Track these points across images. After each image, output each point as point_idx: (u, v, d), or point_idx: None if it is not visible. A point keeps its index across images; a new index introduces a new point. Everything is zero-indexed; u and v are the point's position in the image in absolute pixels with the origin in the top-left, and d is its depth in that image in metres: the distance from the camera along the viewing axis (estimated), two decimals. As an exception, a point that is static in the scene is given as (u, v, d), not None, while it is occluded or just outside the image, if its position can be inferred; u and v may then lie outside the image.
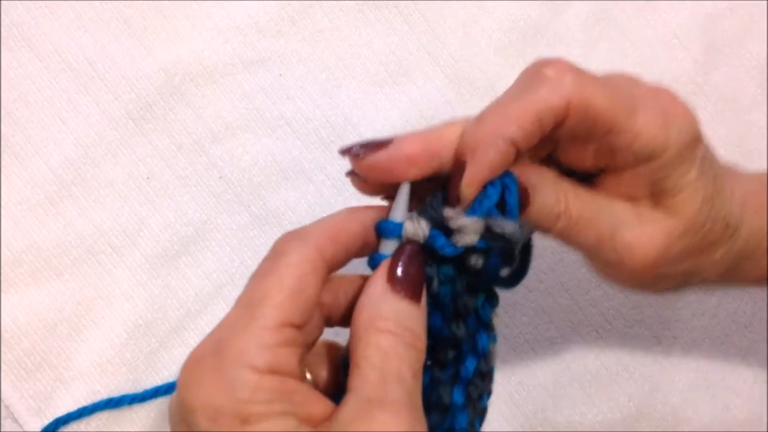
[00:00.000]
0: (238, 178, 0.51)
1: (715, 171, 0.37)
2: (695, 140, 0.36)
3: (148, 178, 0.50)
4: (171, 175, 0.51)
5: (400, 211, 0.34)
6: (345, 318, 0.34)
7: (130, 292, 0.49)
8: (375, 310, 0.31)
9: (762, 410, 0.53)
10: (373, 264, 0.33)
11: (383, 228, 0.33)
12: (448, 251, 0.33)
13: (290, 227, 0.51)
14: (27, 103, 0.50)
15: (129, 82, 0.51)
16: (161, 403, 0.49)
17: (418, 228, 0.33)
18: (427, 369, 0.33)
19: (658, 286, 0.39)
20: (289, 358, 0.29)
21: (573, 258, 0.53)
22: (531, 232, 0.36)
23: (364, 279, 0.33)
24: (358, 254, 0.34)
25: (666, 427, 0.52)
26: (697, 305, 0.53)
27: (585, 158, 0.36)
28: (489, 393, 0.35)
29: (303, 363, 0.32)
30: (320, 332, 0.35)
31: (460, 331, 0.33)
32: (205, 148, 0.51)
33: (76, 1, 0.51)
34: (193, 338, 0.50)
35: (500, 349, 0.51)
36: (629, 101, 0.34)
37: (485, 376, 0.34)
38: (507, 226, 0.32)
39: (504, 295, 0.51)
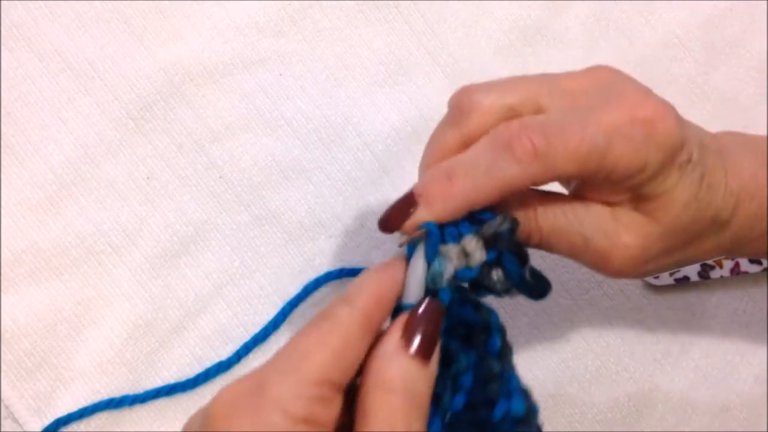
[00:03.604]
0: (238, 178, 0.51)
1: (703, 169, 0.36)
2: (675, 152, 0.35)
3: (148, 178, 0.50)
4: (171, 175, 0.51)
5: (413, 292, 0.33)
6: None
7: (130, 292, 0.49)
8: (385, 367, 0.31)
9: (762, 410, 0.53)
10: None
11: (397, 312, 0.33)
12: (470, 275, 0.34)
13: (290, 227, 0.51)
14: (27, 103, 0.50)
15: (129, 82, 0.51)
16: (162, 404, 0.49)
17: (449, 267, 0.34)
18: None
19: (650, 273, 0.39)
20: (324, 413, 0.30)
21: (573, 258, 0.53)
22: (516, 221, 0.36)
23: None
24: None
25: (666, 427, 0.52)
26: (696, 305, 0.53)
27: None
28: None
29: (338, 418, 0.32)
30: None
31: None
32: (205, 148, 0.51)
33: (76, 1, 0.51)
34: (193, 338, 0.50)
35: (500, 349, 0.52)
36: (600, 145, 0.33)
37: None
38: (495, 223, 0.34)
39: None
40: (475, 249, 0.34)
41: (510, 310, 0.52)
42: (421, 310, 0.33)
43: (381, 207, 0.52)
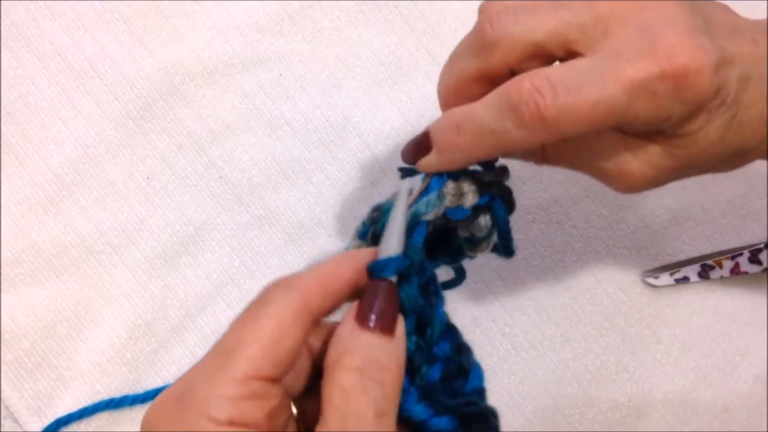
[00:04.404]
0: (238, 178, 0.51)
1: (737, 108, 0.34)
2: (704, 104, 0.33)
3: (148, 178, 0.50)
4: (171, 175, 0.51)
5: (394, 243, 0.32)
6: None
7: (130, 292, 0.49)
8: (342, 346, 0.29)
9: (762, 410, 0.53)
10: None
11: (376, 268, 0.32)
12: (462, 215, 0.35)
13: (290, 227, 0.51)
14: (27, 103, 0.50)
15: (129, 82, 0.51)
16: (161, 403, 0.49)
17: (441, 205, 0.35)
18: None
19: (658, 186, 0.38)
20: (254, 411, 0.28)
21: (573, 258, 0.53)
22: (507, 171, 0.38)
23: None
24: (349, 299, 0.32)
25: (666, 427, 0.52)
26: (697, 304, 0.53)
27: None
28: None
29: (277, 412, 0.30)
30: (310, 379, 0.33)
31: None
32: (205, 148, 0.51)
33: (76, 1, 0.51)
34: (193, 338, 0.50)
35: (500, 349, 0.52)
36: (620, 104, 0.32)
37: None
38: (492, 173, 0.37)
39: (504, 294, 0.52)
40: (469, 190, 0.36)
41: (510, 309, 0.52)
42: (369, 289, 0.31)
43: (381, 207, 0.52)
